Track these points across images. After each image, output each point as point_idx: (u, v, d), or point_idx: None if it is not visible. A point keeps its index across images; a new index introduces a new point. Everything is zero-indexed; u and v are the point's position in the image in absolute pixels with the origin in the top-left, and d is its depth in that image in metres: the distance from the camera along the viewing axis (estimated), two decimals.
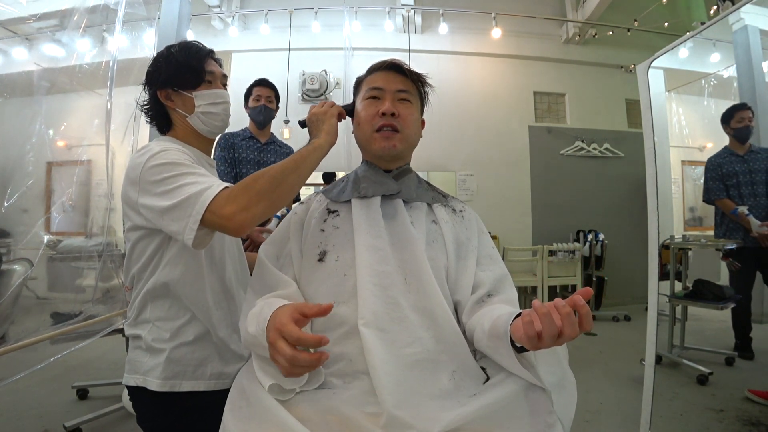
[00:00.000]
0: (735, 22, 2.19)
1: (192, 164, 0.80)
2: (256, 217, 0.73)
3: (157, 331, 0.86)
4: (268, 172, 0.75)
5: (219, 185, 0.74)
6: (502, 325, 0.62)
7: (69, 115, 2.08)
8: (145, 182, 0.77)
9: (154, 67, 0.90)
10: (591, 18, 4.16)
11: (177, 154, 0.80)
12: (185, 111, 0.90)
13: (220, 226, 0.73)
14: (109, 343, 2.45)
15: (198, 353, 0.87)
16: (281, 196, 0.75)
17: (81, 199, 2.12)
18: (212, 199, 0.71)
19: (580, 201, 4.27)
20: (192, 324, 0.87)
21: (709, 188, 2.19)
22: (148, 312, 0.88)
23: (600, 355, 2.78)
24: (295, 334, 0.53)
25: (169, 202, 0.74)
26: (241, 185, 0.73)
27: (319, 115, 0.85)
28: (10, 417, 1.89)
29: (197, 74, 0.89)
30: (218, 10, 4.09)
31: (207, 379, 0.87)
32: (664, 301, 2.38)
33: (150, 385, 0.82)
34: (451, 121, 4.20)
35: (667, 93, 3.60)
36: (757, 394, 1.93)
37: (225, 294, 0.94)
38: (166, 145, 0.83)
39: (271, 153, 2.00)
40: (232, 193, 0.72)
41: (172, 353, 0.84)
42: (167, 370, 0.83)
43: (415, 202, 0.84)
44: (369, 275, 0.70)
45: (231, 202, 0.71)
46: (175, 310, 0.87)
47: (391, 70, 0.84)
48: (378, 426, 0.58)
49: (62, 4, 1.87)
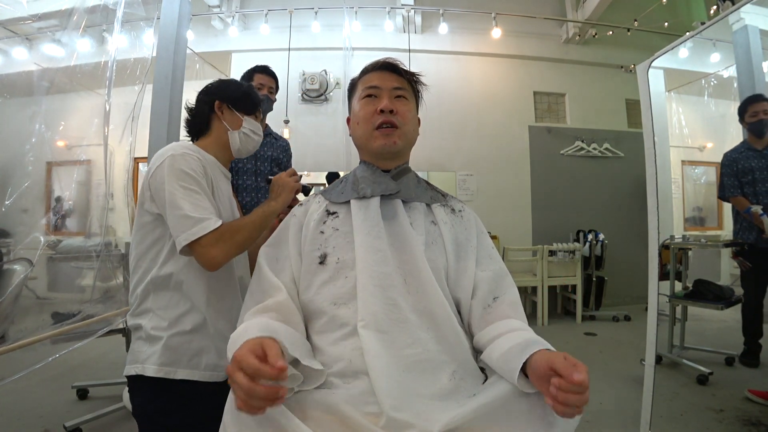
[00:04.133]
0: (735, 22, 2.19)
1: (200, 182, 0.91)
2: (228, 260, 0.90)
3: (156, 320, 0.90)
4: (247, 226, 0.92)
5: (215, 222, 0.87)
6: (512, 363, 0.62)
7: (69, 115, 2.08)
8: (175, 170, 0.88)
9: (220, 83, 1.07)
10: (591, 18, 4.16)
11: (198, 168, 0.92)
12: (230, 126, 1.03)
13: (199, 258, 0.86)
14: (109, 343, 2.45)
15: (195, 343, 0.90)
16: (249, 245, 0.93)
17: (80, 199, 2.12)
18: (205, 234, 0.84)
19: (580, 201, 4.27)
20: (191, 314, 0.91)
21: (724, 185, 2.10)
22: (150, 302, 0.92)
23: (600, 355, 2.78)
24: (253, 366, 0.50)
25: (182, 202, 0.86)
26: (228, 233, 0.88)
27: (283, 184, 1.03)
28: (10, 417, 1.89)
29: (253, 105, 1.07)
30: (218, 10, 4.08)
31: (202, 370, 0.90)
32: (664, 301, 2.38)
33: (147, 372, 0.86)
34: (451, 120, 4.20)
35: (667, 93, 3.60)
36: (757, 394, 1.92)
37: (230, 288, 0.98)
38: (188, 152, 0.94)
39: (267, 146, 1.87)
40: (221, 238, 0.86)
41: (169, 341, 0.88)
42: (163, 357, 0.87)
43: (414, 202, 0.84)
44: (369, 276, 0.70)
45: (216, 246, 0.86)
46: (176, 300, 0.91)
47: (385, 70, 0.85)
48: (378, 426, 0.58)
49: (62, 4, 1.87)
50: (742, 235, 2.08)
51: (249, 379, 0.50)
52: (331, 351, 0.69)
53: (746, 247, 2.07)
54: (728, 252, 2.38)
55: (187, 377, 0.88)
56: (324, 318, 0.72)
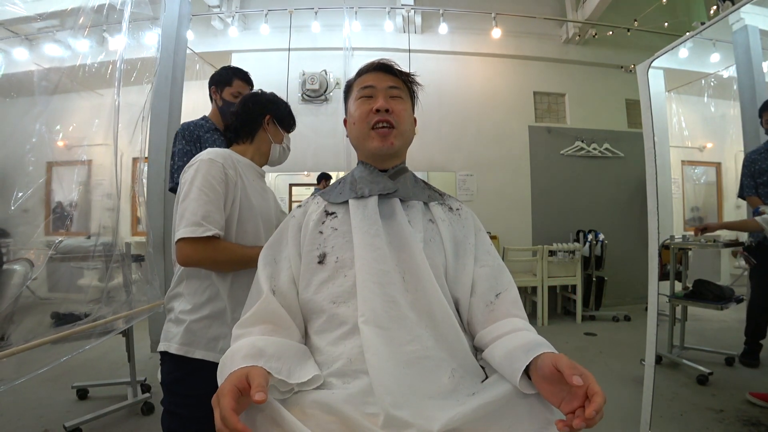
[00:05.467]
0: (735, 22, 2.19)
1: (216, 189, 0.98)
2: (198, 265, 0.97)
3: (184, 304, 1.01)
4: (234, 255, 0.97)
5: (210, 230, 0.93)
6: (516, 363, 0.62)
7: (70, 115, 2.08)
8: (200, 174, 0.97)
9: (272, 97, 1.18)
10: (591, 18, 4.16)
11: (220, 174, 0.99)
12: (273, 138, 1.15)
13: (177, 251, 0.94)
14: (109, 344, 2.45)
15: (213, 329, 0.99)
16: (225, 269, 0.99)
17: (81, 199, 2.12)
18: (195, 236, 0.92)
19: (580, 201, 4.27)
20: (214, 301, 1.00)
21: (742, 184, 2.12)
22: (183, 286, 1.02)
23: (600, 355, 2.78)
24: (225, 412, 0.53)
25: (192, 203, 0.94)
26: (211, 247, 0.94)
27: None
28: (10, 417, 1.89)
29: (293, 125, 1.22)
30: (218, 10, 4.09)
31: (217, 353, 0.98)
32: (664, 301, 2.38)
33: (170, 349, 0.98)
34: (451, 121, 4.20)
35: (667, 93, 3.60)
36: (758, 396, 1.92)
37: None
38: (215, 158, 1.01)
39: None
40: (206, 247, 0.93)
41: (190, 325, 0.99)
42: (184, 338, 0.98)
43: (412, 201, 0.84)
44: (368, 274, 0.70)
45: (197, 250, 0.93)
46: (204, 287, 1.01)
47: (380, 70, 0.85)
48: (378, 426, 0.58)
49: (65, 4, 1.87)
50: (753, 233, 2.10)
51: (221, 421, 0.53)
52: (330, 350, 0.69)
53: (754, 244, 2.08)
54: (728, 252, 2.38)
55: (203, 357, 0.98)
56: (323, 317, 0.72)
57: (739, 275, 2.41)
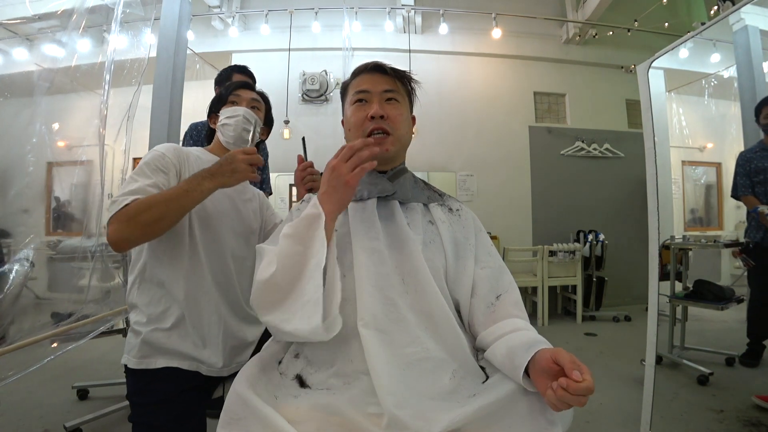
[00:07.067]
0: (735, 23, 2.19)
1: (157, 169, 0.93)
2: (129, 240, 0.85)
3: (140, 315, 0.96)
4: (158, 204, 0.83)
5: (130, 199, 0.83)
6: (517, 361, 0.62)
7: (69, 115, 2.08)
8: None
9: (218, 95, 1.14)
10: (591, 18, 4.15)
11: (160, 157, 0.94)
12: (215, 127, 1.12)
13: (107, 238, 0.84)
14: (109, 344, 2.45)
15: (173, 340, 0.94)
16: (163, 225, 0.85)
17: (81, 199, 2.12)
18: (117, 211, 0.83)
19: (580, 201, 4.27)
20: (170, 311, 0.94)
21: (736, 183, 2.12)
22: (135, 295, 0.97)
23: (600, 356, 2.77)
24: None
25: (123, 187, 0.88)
26: (133, 210, 0.82)
27: (231, 160, 0.90)
28: (10, 417, 1.89)
29: (223, 100, 1.12)
30: (218, 10, 4.09)
31: (180, 360, 0.94)
32: (665, 301, 2.37)
33: (129, 363, 0.93)
34: (451, 121, 4.20)
35: (668, 93, 3.60)
36: (765, 399, 1.90)
37: (216, 285, 0.99)
38: (169, 146, 0.99)
39: None
40: (127, 216, 0.82)
41: (147, 336, 0.93)
42: (142, 350, 0.93)
43: (411, 202, 0.84)
44: (367, 277, 0.70)
45: (119, 224, 0.82)
46: (157, 296, 0.95)
47: (375, 72, 0.84)
48: (380, 427, 0.57)
49: (62, 4, 1.87)
50: (750, 233, 2.09)
51: None
52: (330, 351, 0.69)
53: (752, 245, 2.07)
54: (729, 252, 2.37)
55: (166, 365, 0.93)
56: None
57: (739, 275, 2.40)
